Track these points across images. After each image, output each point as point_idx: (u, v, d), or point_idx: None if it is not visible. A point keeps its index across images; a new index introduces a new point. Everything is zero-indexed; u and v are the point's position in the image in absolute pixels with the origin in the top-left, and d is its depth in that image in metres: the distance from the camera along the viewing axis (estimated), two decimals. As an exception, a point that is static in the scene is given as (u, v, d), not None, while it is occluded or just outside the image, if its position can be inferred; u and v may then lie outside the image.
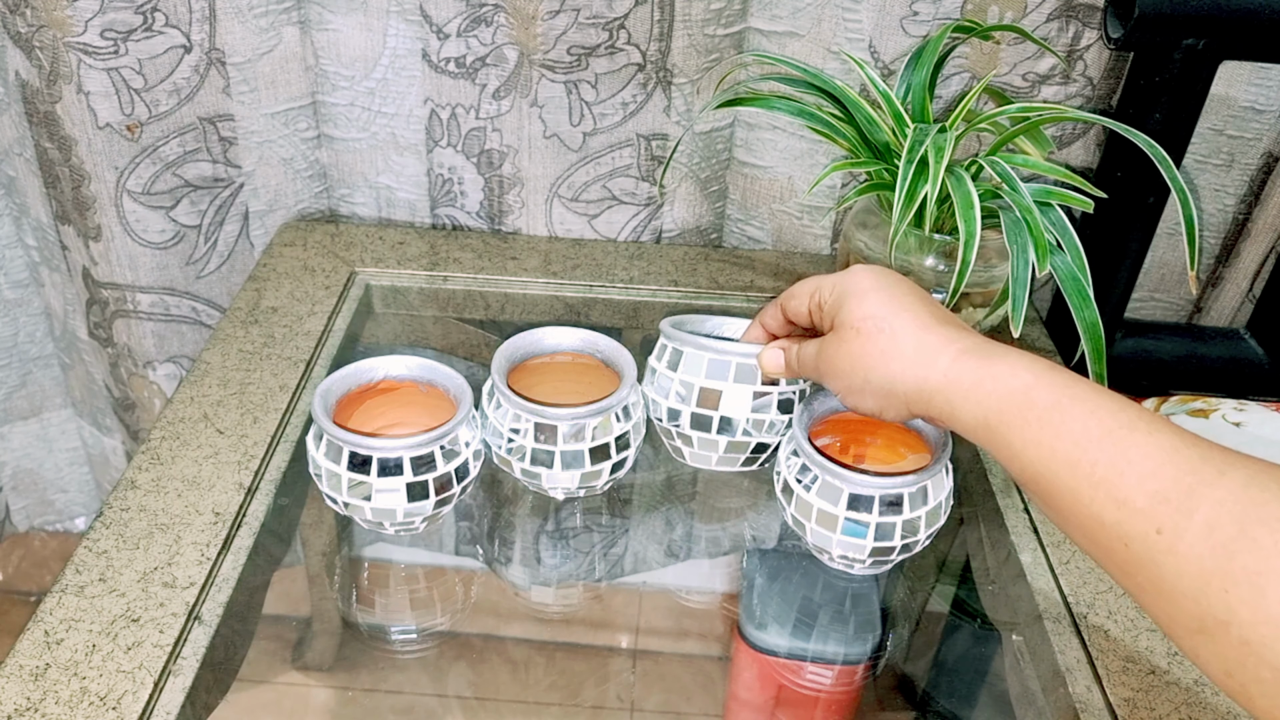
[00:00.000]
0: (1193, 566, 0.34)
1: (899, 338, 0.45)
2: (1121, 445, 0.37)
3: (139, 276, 0.86)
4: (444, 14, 0.79)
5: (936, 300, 0.49)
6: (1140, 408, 0.40)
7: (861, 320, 0.46)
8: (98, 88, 0.76)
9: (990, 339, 0.46)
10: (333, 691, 0.73)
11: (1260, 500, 0.34)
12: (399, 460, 0.56)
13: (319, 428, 0.57)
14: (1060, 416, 0.39)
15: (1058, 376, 0.41)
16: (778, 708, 0.61)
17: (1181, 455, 0.36)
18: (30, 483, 1.04)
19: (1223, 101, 0.81)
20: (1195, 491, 0.35)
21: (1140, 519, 0.36)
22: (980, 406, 0.42)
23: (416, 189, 0.88)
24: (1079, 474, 0.38)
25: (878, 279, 0.48)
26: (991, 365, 0.42)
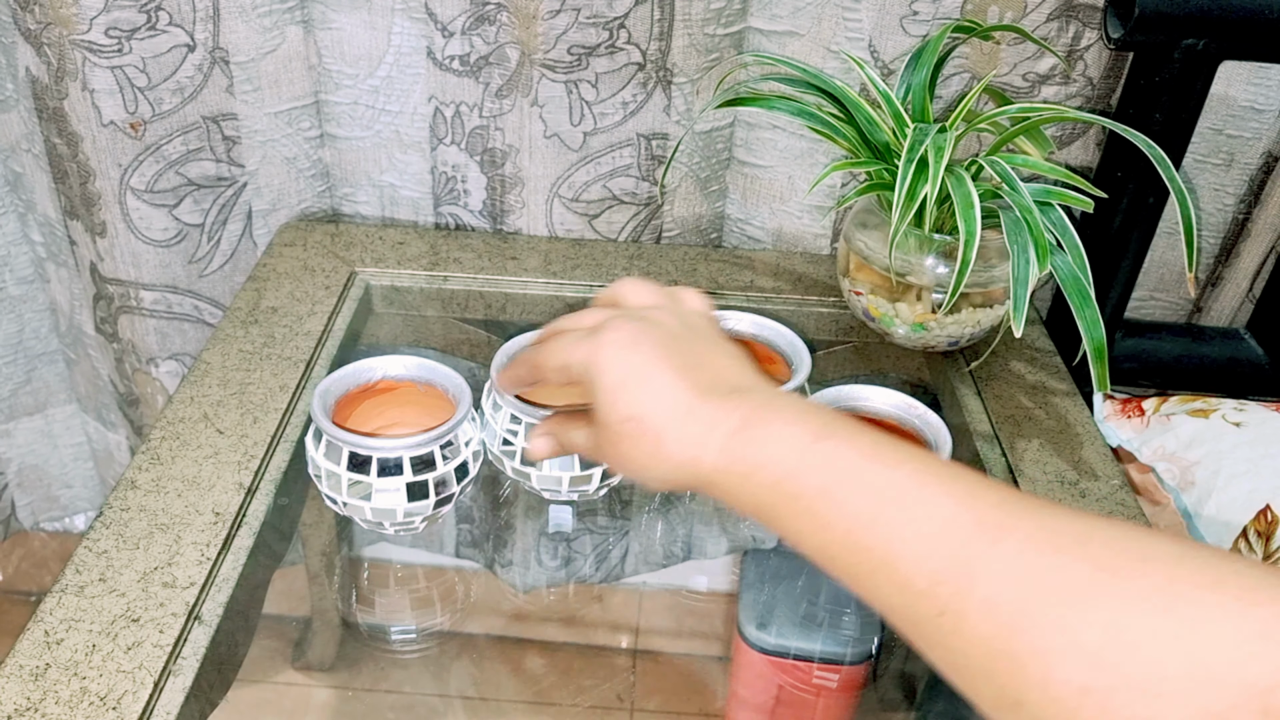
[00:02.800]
0: (979, 648, 0.32)
1: (662, 438, 0.41)
2: (893, 525, 0.35)
3: (142, 273, 0.86)
4: (449, 12, 0.79)
5: (695, 349, 0.44)
6: (916, 463, 0.37)
7: (620, 424, 0.42)
8: (102, 85, 0.77)
9: (768, 392, 0.42)
10: (333, 691, 0.73)
11: (1037, 569, 0.32)
12: (399, 460, 0.56)
13: (318, 428, 0.57)
14: (827, 504, 0.37)
15: (823, 453, 0.38)
16: (778, 708, 0.61)
17: (956, 525, 0.34)
18: (35, 478, 1.04)
19: (1222, 101, 0.81)
20: (971, 567, 0.33)
21: (923, 602, 0.34)
22: (753, 499, 0.40)
23: (420, 187, 0.88)
24: (858, 562, 0.36)
25: (628, 359, 0.43)
26: (756, 452, 0.39)
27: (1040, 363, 0.77)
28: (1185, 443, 0.75)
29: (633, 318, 0.45)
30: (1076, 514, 0.34)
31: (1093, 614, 0.30)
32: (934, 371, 0.78)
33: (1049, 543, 0.33)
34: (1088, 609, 0.31)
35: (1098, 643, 0.30)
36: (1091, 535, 0.33)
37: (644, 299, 0.48)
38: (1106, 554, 0.32)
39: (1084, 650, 0.30)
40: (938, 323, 0.70)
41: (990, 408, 0.71)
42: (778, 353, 0.66)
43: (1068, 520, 0.34)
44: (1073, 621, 0.31)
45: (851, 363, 0.81)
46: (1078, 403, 0.73)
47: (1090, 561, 0.32)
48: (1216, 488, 0.71)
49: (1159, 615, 0.30)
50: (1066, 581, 0.31)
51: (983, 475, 0.37)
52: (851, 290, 0.74)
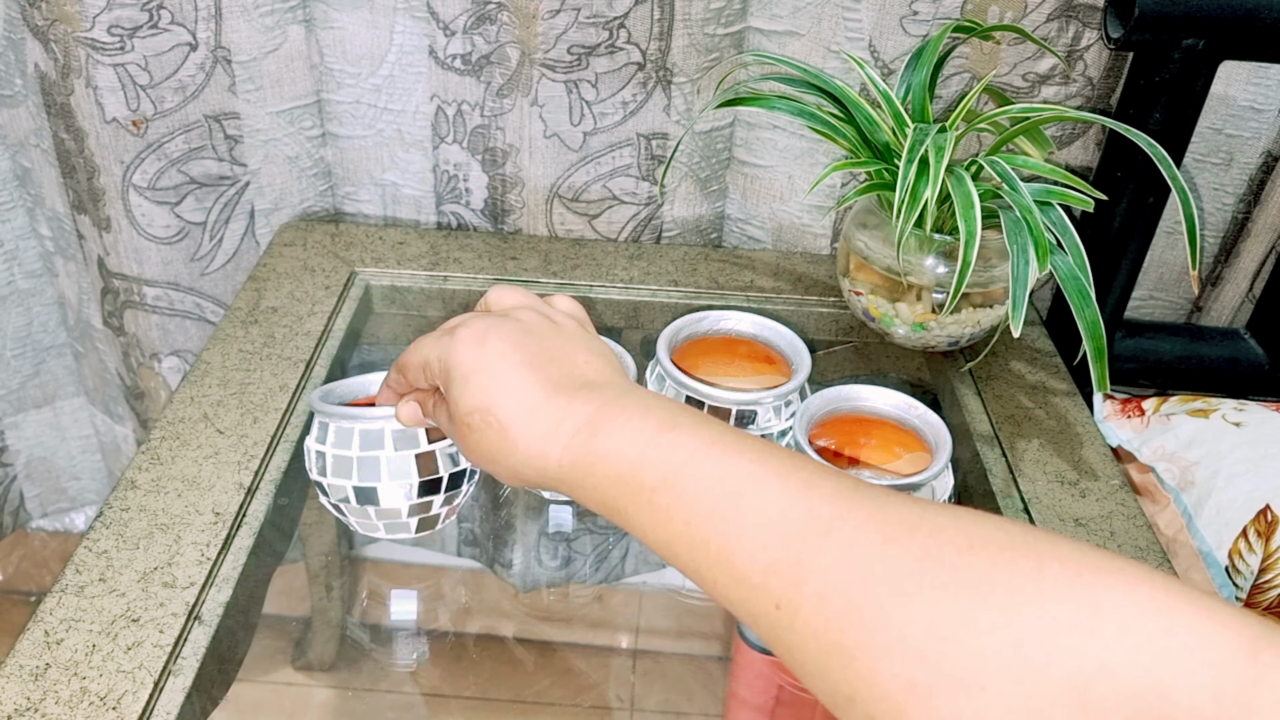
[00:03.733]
0: (813, 643, 0.32)
1: (509, 431, 0.42)
2: (729, 519, 0.35)
3: (145, 270, 0.86)
4: (451, 10, 0.79)
5: (550, 346, 0.45)
6: (755, 454, 0.37)
7: (468, 414, 0.43)
8: (105, 82, 0.77)
9: (621, 387, 0.43)
10: (333, 691, 0.73)
11: (864, 560, 0.32)
12: (414, 434, 0.55)
13: (320, 420, 0.57)
14: (668, 497, 0.37)
15: (664, 445, 0.38)
16: (778, 708, 0.61)
17: (789, 519, 0.34)
18: (43, 470, 1.05)
19: (1222, 101, 0.81)
20: (803, 560, 0.33)
21: (759, 596, 0.34)
22: (598, 493, 0.40)
23: (422, 186, 0.88)
24: (697, 555, 0.36)
25: (478, 354, 0.43)
26: (601, 444, 0.39)
27: (1040, 363, 0.77)
28: (1185, 443, 0.75)
29: (490, 316, 0.46)
30: (911, 502, 0.34)
31: (916, 606, 0.30)
32: (934, 371, 0.78)
33: (878, 533, 0.33)
34: (911, 601, 0.30)
35: (920, 636, 0.30)
36: (921, 523, 0.32)
37: (509, 301, 0.48)
38: (932, 542, 0.31)
39: (908, 644, 0.30)
40: (938, 323, 0.70)
41: (990, 408, 0.71)
42: (778, 353, 0.66)
43: (900, 509, 0.33)
44: (897, 615, 0.30)
45: (851, 363, 0.81)
46: (1078, 403, 0.73)
47: (916, 551, 0.31)
48: (1216, 488, 0.71)
49: (979, 605, 0.29)
50: (892, 572, 0.31)
51: (825, 465, 0.37)
52: (851, 290, 0.74)
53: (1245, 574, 0.68)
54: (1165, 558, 0.60)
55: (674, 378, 0.62)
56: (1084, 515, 0.63)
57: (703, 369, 0.64)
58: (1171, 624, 0.28)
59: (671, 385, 0.62)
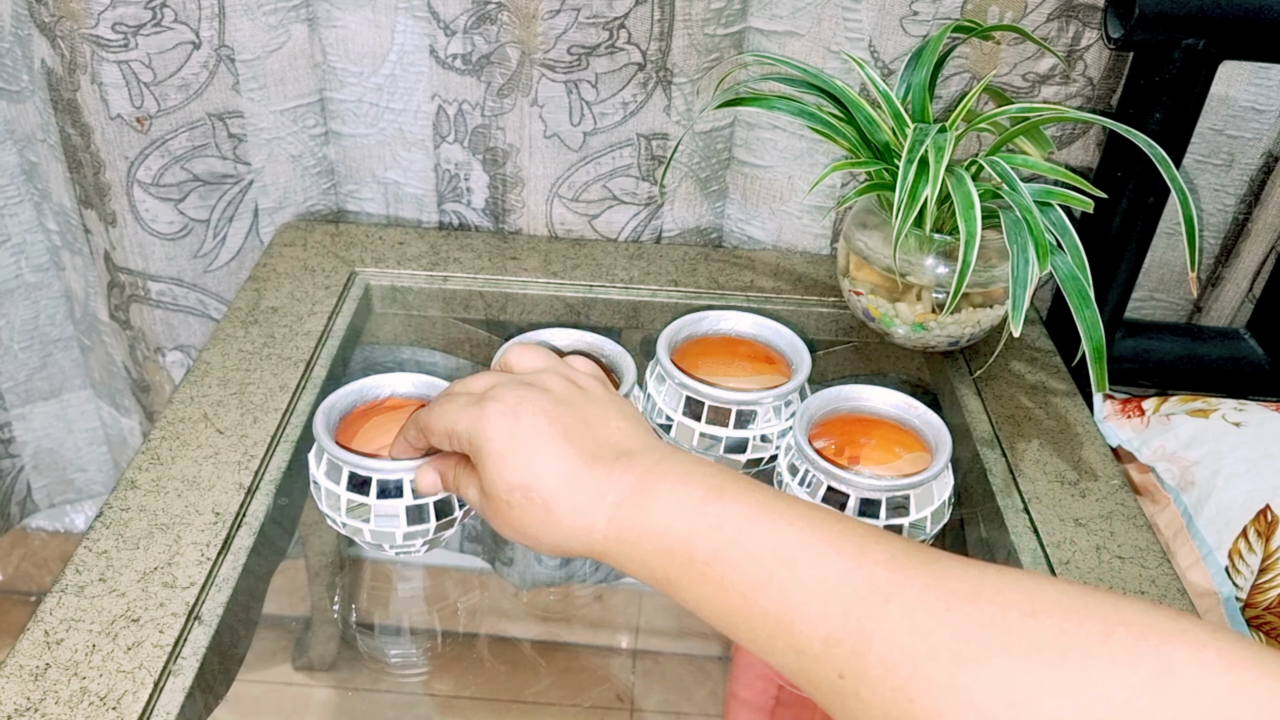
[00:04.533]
0: (879, 711, 0.32)
1: (550, 507, 0.41)
2: (785, 588, 0.35)
3: (149, 265, 0.86)
4: (451, 10, 0.79)
5: (583, 415, 0.44)
6: (806, 520, 0.37)
7: (508, 492, 0.42)
8: (110, 79, 0.77)
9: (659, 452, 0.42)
10: (333, 691, 0.73)
11: (928, 628, 0.32)
12: (399, 483, 0.54)
13: (319, 446, 0.56)
14: (721, 568, 0.37)
15: (713, 515, 0.38)
16: (777, 708, 0.61)
17: (848, 586, 0.34)
18: (51, 461, 1.05)
19: (1223, 101, 0.81)
20: (864, 628, 0.33)
21: (821, 664, 0.34)
22: (646, 567, 0.39)
23: (424, 184, 0.89)
24: (754, 626, 0.36)
25: (513, 429, 0.42)
26: (646, 517, 0.39)
27: (1040, 363, 0.77)
28: (1185, 443, 0.75)
29: (518, 384, 0.45)
30: (967, 565, 0.34)
31: (985, 672, 0.31)
32: (934, 371, 0.78)
33: (939, 600, 0.33)
34: (980, 667, 0.31)
35: (991, 702, 0.30)
36: (981, 589, 0.33)
37: (531, 364, 0.48)
38: (996, 608, 0.32)
39: (978, 710, 0.30)
40: (938, 323, 0.70)
41: (990, 408, 0.71)
42: (778, 353, 0.66)
43: (958, 573, 0.34)
44: (965, 681, 0.31)
45: (851, 363, 0.81)
46: (1078, 403, 0.73)
47: (981, 616, 0.32)
48: (1216, 488, 0.71)
49: (1049, 671, 0.30)
50: (958, 638, 0.32)
51: (874, 528, 0.37)
52: (851, 290, 0.74)
53: (1245, 574, 0.68)
54: (1165, 558, 0.60)
55: (674, 378, 0.62)
56: (1084, 515, 0.63)
57: (703, 369, 0.64)
58: (1239, 681, 0.28)
59: (671, 385, 0.62)
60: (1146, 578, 0.59)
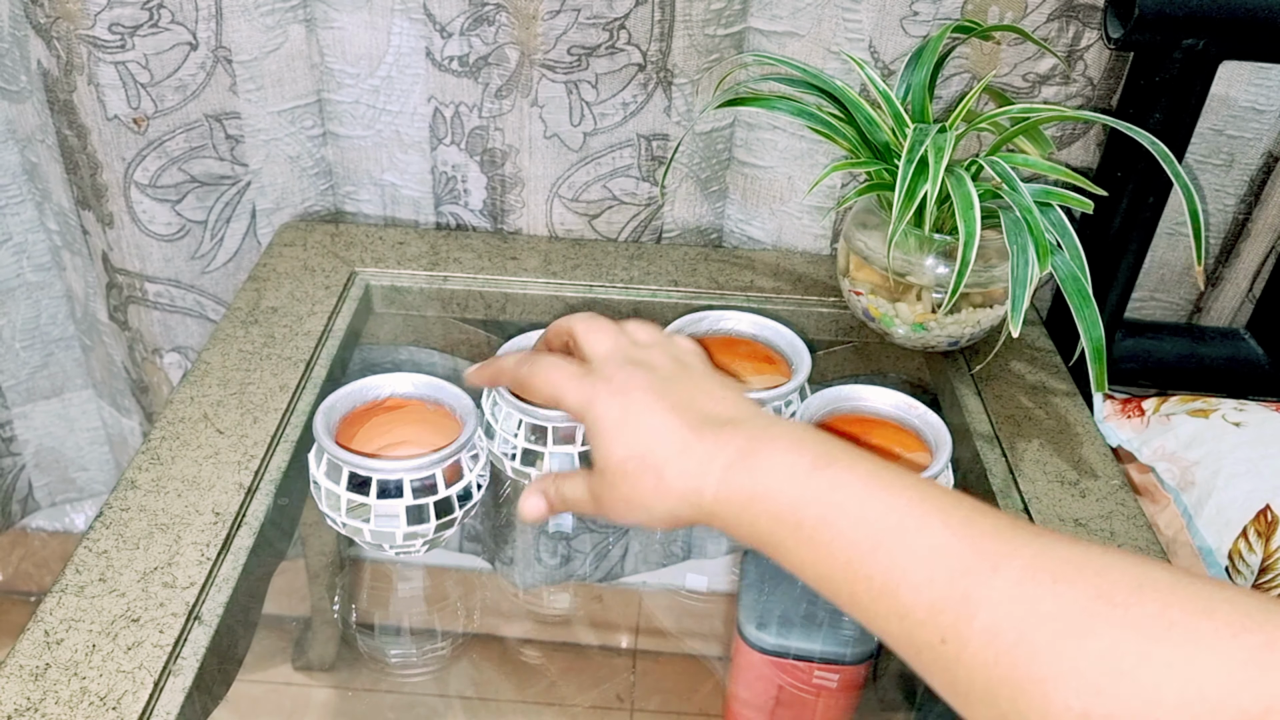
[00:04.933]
0: (981, 675, 0.33)
1: (663, 472, 0.43)
2: (893, 554, 0.36)
3: (146, 266, 0.86)
4: (447, 13, 0.79)
5: (687, 388, 0.45)
6: (914, 490, 0.38)
7: (622, 462, 0.44)
8: (107, 80, 0.77)
9: (764, 420, 0.43)
10: (333, 691, 0.73)
11: (1035, 598, 0.33)
12: (399, 482, 0.54)
13: (319, 446, 0.56)
14: (828, 534, 0.38)
15: (823, 482, 0.39)
16: (778, 708, 0.61)
17: (955, 554, 0.35)
18: (52, 460, 1.05)
19: (1223, 102, 0.81)
20: (971, 596, 0.34)
21: (924, 630, 0.35)
22: (753, 528, 0.41)
23: (421, 186, 0.89)
24: (858, 591, 0.37)
25: (625, 404, 0.44)
26: (755, 481, 0.40)
27: (1040, 363, 0.77)
28: (1185, 443, 0.75)
29: (625, 361, 0.46)
30: (1072, 541, 0.35)
31: (1090, 642, 0.31)
32: (934, 371, 0.78)
33: (1046, 570, 0.33)
34: (1085, 637, 0.31)
35: (1095, 670, 0.31)
36: (1087, 563, 0.33)
37: (641, 337, 0.49)
38: (1102, 581, 0.33)
39: (1082, 677, 0.31)
40: (938, 323, 0.70)
41: (990, 408, 0.71)
42: (778, 353, 0.66)
43: (1064, 548, 0.34)
44: (1070, 649, 0.31)
45: (851, 363, 0.81)
46: (1078, 403, 0.73)
47: (1087, 589, 0.32)
48: (1216, 488, 0.71)
49: (1154, 643, 0.30)
50: (1064, 609, 0.32)
51: (978, 502, 0.38)
52: (851, 290, 0.74)
53: (1245, 574, 0.68)
54: (1165, 558, 0.60)
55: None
56: (1084, 515, 0.63)
57: (703, 369, 0.64)
58: None
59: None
60: (1146, 578, 0.58)
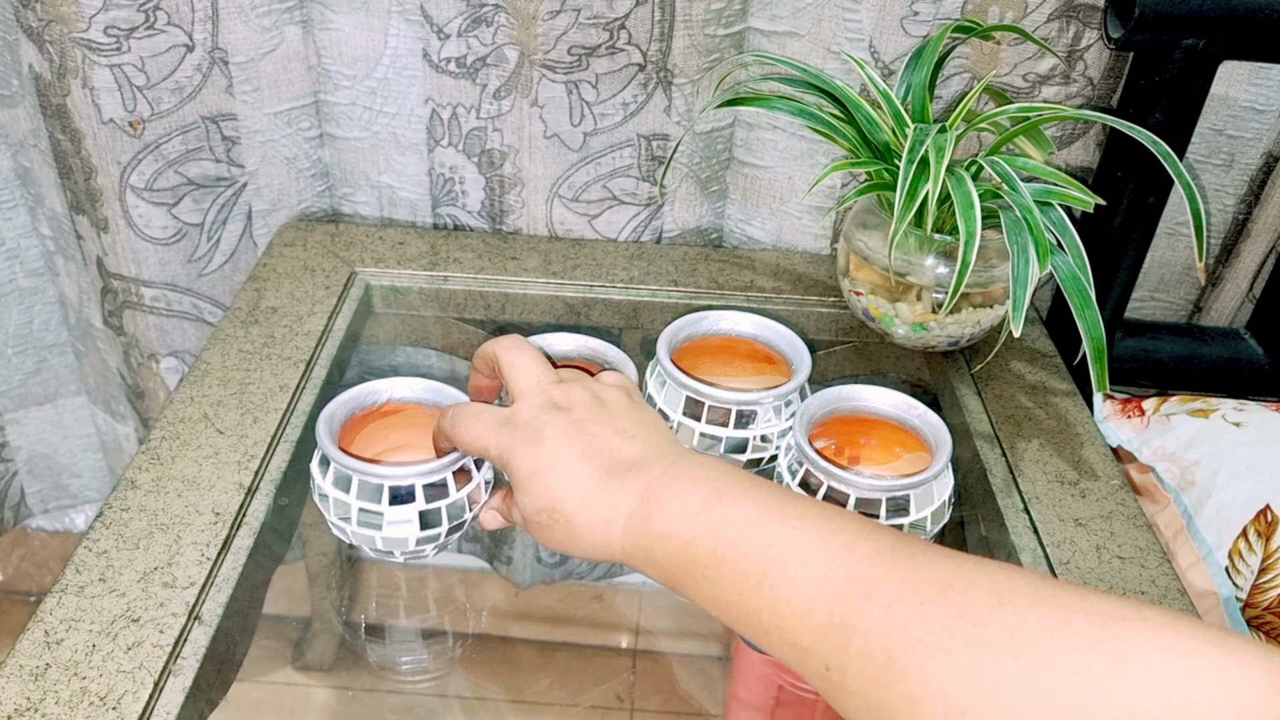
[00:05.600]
0: (861, 699, 0.34)
1: (573, 523, 0.44)
2: (776, 587, 0.38)
3: (142, 270, 0.86)
4: (445, 14, 0.79)
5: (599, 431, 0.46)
6: (800, 519, 0.39)
7: (536, 514, 0.46)
8: (102, 83, 0.77)
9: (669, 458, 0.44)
10: (333, 691, 0.73)
11: (903, 620, 0.34)
12: (411, 488, 0.54)
13: (324, 455, 0.55)
14: (720, 570, 0.39)
15: (711, 520, 0.40)
16: (778, 708, 0.61)
17: (832, 583, 0.36)
18: (45, 467, 1.05)
19: (1223, 102, 0.81)
20: (846, 623, 0.35)
21: (810, 657, 0.36)
22: (658, 570, 0.42)
23: (418, 188, 0.88)
24: (752, 622, 0.39)
25: (537, 454, 0.45)
26: (654, 526, 0.42)
27: (1040, 363, 0.77)
28: (1185, 443, 0.75)
29: (543, 405, 0.47)
30: (946, 558, 0.36)
31: (953, 662, 0.32)
32: (934, 371, 0.78)
33: (914, 592, 0.34)
34: (948, 658, 0.32)
35: (959, 690, 0.31)
36: (954, 581, 0.34)
37: (531, 376, 0.49)
38: (965, 600, 0.33)
39: (948, 698, 0.32)
40: (938, 323, 0.70)
41: (990, 408, 0.71)
42: (778, 353, 0.66)
43: (935, 568, 0.35)
44: (936, 670, 0.32)
45: (851, 363, 0.81)
46: (1078, 403, 0.73)
47: (950, 609, 0.33)
48: (1216, 488, 0.71)
49: (1011, 659, 0.31)
50: (929, 630, 0.33)
51: (866, 522, 0.39)
52: (851, 290, 0.74)
53: (1245, 574, 0.68)
54: (1165, 558, 0.60)
55: (674, 378, 0.62)
56: (1084, 515, 0.63)
57: (703, 369, 0.64)
58: (1197, 666, 0.29)
59: (671, 385, 0.62)
60: (1146, 578, 0.59)
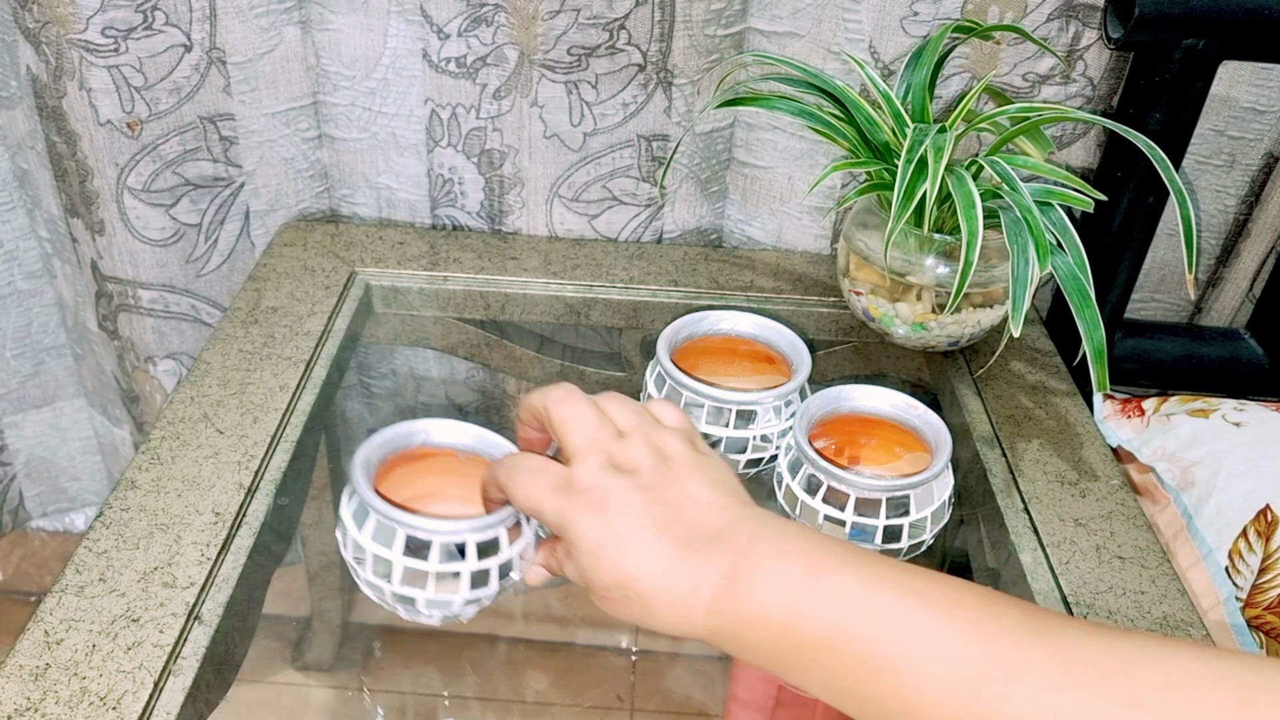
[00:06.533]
0: None
1: (649, 602, 0.40)
2: (903, 673, 0.35)
3: (139, 272, 0.86)
4: (444, 14, 0.79)
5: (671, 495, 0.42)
6: (914, 595, 0.36)
7: (605, 590, 0.41)
8: (99, 84, 0.77)
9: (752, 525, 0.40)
10: (333, 691, 0.73)
11: (1059, 708, 0.32)
12: (463, 545, 0.48)
13: (363, 506, 0.48)
14: (831, 657, 0.36)
15: (815, 601, 0.37)
16: (778, 708, 0.61)
17: (968, 666, 0.33)
18: (43, 470, 1.05)
19: (1223, 102, 0.81)
20: (995, 709, 0.33)
21: None
22: (754, 654, 0.39)
23: (417, 189, 0.88)
24: (878, 710, 0.36)
25: (603, 525, 0.41)
26: (746, 608, 0.38)
27: (1040, 363, 0.77)
28: (1185, 443, 0.75)
29: (604, 465, 0.43)
30: (1091, 633, 0.33)
31: None
32: (934, 371, 0.78)
33: (1067, 675, 0.32)
34: None
35: None
36: (1110, 659, 0.32)
37: (623, 420, 0.45)
38: (1130, 683, 0.31)
39: None
40: (938, 323, 0.70)
41: (990, 408, 0.71)
42: (778, 353, 0.66)
43: (1083, 644, 0.33)
44: None
45: (851, 363, 0.81)
46: (1078, 403, 0.73)
47: (1112, 694, 0.31)
48: (1216, 488, 0.71)
49: None
50: (1090, 718, 0.31)
51: (982, 591, 0.36)
52: (851, 290, 0.74)
53: (1245, 574, 0.68)
54: (1165, 558, 0.60)
55: (674, 378, 0.62)
56: (1084, 515, 0.63)
57: (703, 369, 0.64)
58: None
59: (672, 385, 0.62)
60: (1146, 578, 0.59)
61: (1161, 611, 0.56)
